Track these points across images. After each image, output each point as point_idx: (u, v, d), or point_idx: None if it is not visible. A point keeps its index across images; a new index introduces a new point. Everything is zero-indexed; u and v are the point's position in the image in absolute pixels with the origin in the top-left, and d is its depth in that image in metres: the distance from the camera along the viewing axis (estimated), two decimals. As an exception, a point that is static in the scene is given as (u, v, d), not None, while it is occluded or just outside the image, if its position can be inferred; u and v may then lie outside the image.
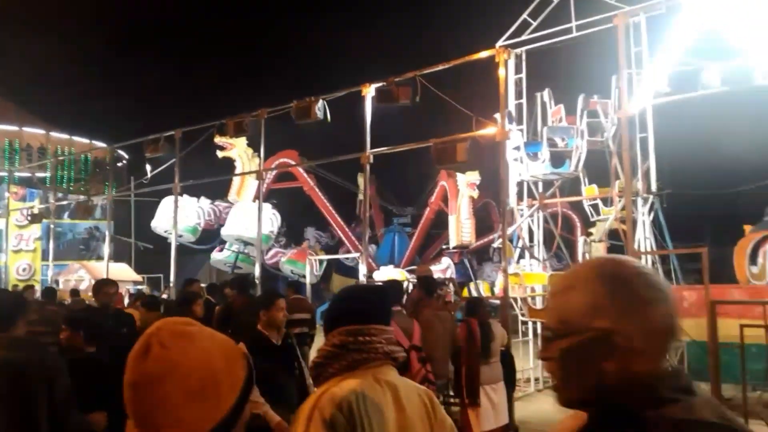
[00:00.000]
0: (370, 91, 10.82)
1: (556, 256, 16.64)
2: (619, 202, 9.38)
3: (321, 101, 11.25)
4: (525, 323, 10.79)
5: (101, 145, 25.22)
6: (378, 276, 16.13)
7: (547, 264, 11.81)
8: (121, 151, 23.96)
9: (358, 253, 16.21)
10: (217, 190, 19.94)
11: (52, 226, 18.99)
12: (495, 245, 12.95)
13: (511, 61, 10.38)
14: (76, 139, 27.31)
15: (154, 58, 39.62)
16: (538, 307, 10.29)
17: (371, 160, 11.01)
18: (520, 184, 10.98)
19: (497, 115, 9.80)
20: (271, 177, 19.68)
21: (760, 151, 17.40)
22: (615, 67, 7.46)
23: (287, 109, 11.60)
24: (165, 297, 14.35)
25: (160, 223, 19.30)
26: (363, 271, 11.24)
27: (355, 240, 20.80)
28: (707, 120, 16.74)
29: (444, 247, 21.69)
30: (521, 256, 11.22)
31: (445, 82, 10.56)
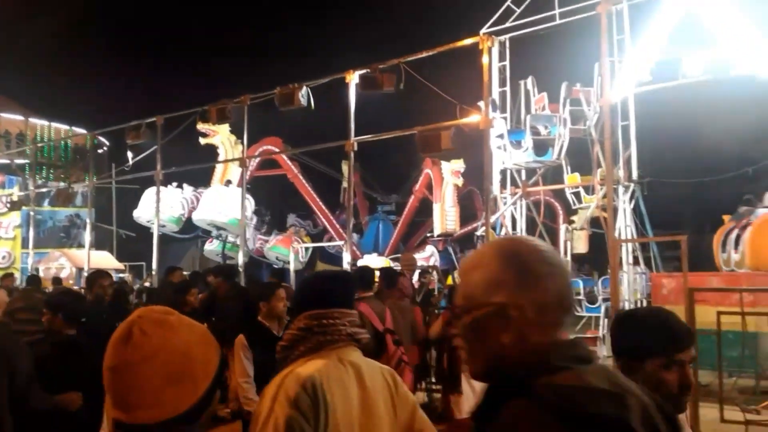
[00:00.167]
0: (354, 78, 10.77)
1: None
2: (601, 190, 9.46)
3: (305, 88, 11.18)
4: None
5: (81, 131, 24.85)
6: (362, 263, 16.13)
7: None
8: (101, 138, 23.60)
9: (342, 241, 16.21)
10: (200, 177, 19.76)
11: (32, 214, 18.76)
12: (478, 233, 13.01)
13: (495, 49, 10.37)
14: (55, 125, 26.84)
15: (135, 42, 39.02)
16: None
17: (355, 148, 10.99)
18: (503, 172, 11.02)
19: (481, 103, 9.81)
20: (254, 164, 19.54)
21: (739, 140, 17.65)
22: (597, 55, 7.49)
23: (270, 95, 11.52)
24: (147, 285, 14.26)
25: (143, 213, 19.10)
26: (347, 258, 11.25)
27: (339, 228, 20.78)
28: (688, 109, 16.88)
29: (428, 234, 21.72)
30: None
31: (429, 70, 10.55)
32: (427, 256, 20.03)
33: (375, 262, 17.77)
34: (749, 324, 6.05)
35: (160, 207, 17.28)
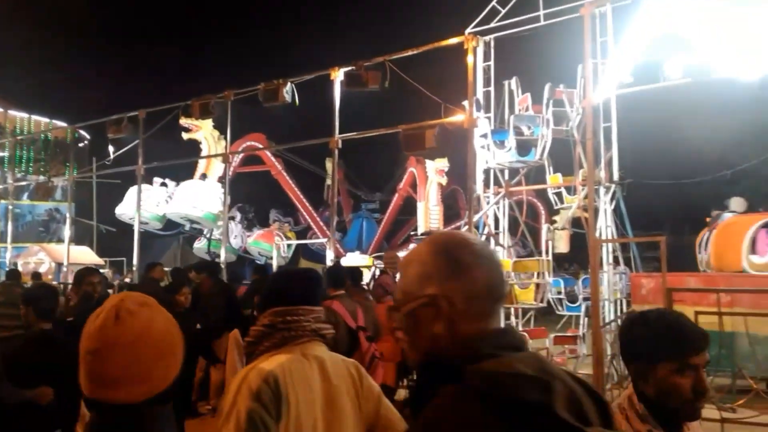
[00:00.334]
0: (338, 75, 10.76)
1: (522, 244, 16.89)
2: (582, 190, 9.55)
3: (289, 84, 11.14)
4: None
5: (62, 124, 24.46)
6: (345, 261, 16.12)
7: (512, 251, 11.97)
8: (82, 131, 23.28)
9: (325, 239, 16.17)
10: (183, 173, 19.59)
11: (10, 208, 18.49)
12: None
13: (479, 49, 10.40)
14: (35, 117, 26.44)
15: (117, 34, 38.57)
16: (503, 293, 10.43)
17: (340, 145, 10.98)
18: (486, 172, 11.06)
19: (465, 103, 9.85)
20: (237, 160, 19.43)
21: (718, 143, 17.92)
22: (581, 57, 7.55)
23: (254, 91, 11.46)
24: (128, 281, 14.13)
25: (127, 210, 18.88)
26: (330, 256, 11.24)
27: (322, 225, 20.74)
28: (668, 112, 17.12)
29: (412, 233, 21.76)
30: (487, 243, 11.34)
31: (414, 68, 10.56)
32: (411, 254, 20.07)
33: (358, 260, 17.77)
34: (726, 324, 6.15)
35: (144, 204, 17.18)
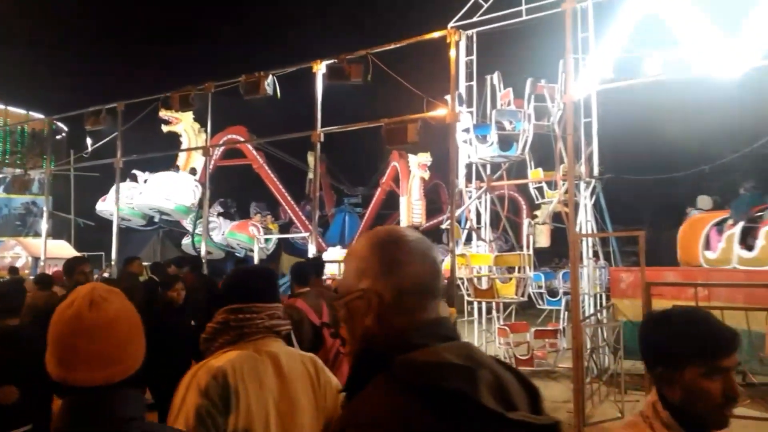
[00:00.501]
0: (321, 68, 10.69)
1: (504, 238, 16.98)
2: (563, 185, 9.60)
3: (270, 77, 11.05)
4: (470, 303, 10.99)
5: (38, 116, 24.05)
6: (327, 256, 16.10)
7: (494, 245, 12.03)
8: (60, 123, 22.93)
9: (307, 233, 16.11)
10: (162, 166, 19.38)
11: (-15, 201, 18.14)
12: (444, 226, 13.11)
13: (462, 43, 10.41)
14: (11, 109, 25.97)
15: (96, 24, 37.96)
16: (484, 287, 10.49)
17: (322, 139, 10.92)
18: (468, 166, 11.09)
19: (448, 97, 9.85)
20: (218, 153, 19.26)
21: (697, 139, 18.15)
22: (562, 52, 7.57)
23: (235, 83, 11.34)
24: (106, 276, 13.95)
25: (108, 207, 18.65)
26: (312, 250, 11.19)
27: (304, 219, 20.65)
28: (648, 108, 17.27)
29: (394, 227, 21.78)
30: (469, 238, 11.38)
31: (397, 62, 10.53)
32: (393, 248, 20.07)
33: (340, 254, 17.74)
34: (703, 317, 6.22)
35: (128, 201, 17.01)
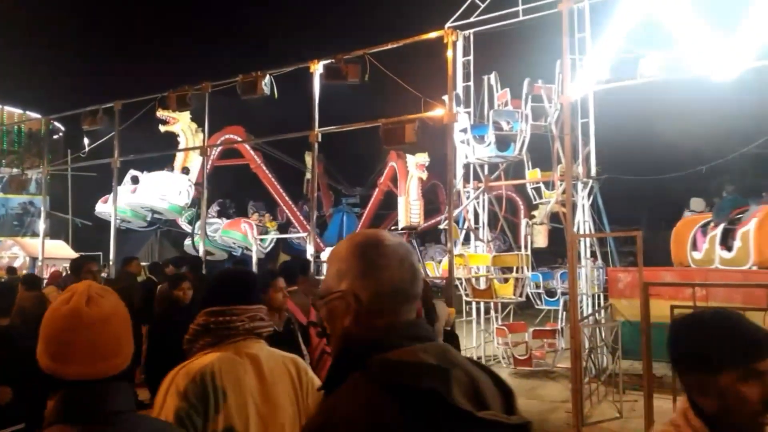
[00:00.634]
0: (318, 68, 10.68)
1: (502, 238, 16.99)
2: (560, 185, 9.61)
3: (268, 76, 11.04)
4: (469, 303, 10.99)
5: (35, 115, 23.99)
6: (324, 256, 16.07)
7: (492, 245, 12.03)
8: (57, 123, 22.88)
9: (305, 233, 16.10)
10: (160, 165, 19.35)
11: (-18, 201, 18.08)
12: (442, 227, 13.11)
13: (459, 43, 10.40)
14: (8, 108, 25.90)
15: (93, 24, 37.89)
16: (482, 287, 10.50)
17: (319, 139, 10.91)
18: (466, 167, 11.09)
19: (445, 97, 9.85)
20: (216, 153, 19.23)
21: (694, 139, 18.17)
22: (559, 53, 7.58)
23: (233, 83, 11.34)
24: (104, 276, 13.92)
25: (109, 208, 18.64)
26: (310, 251, 11.18)
27: (302, 219, 20.63)
28: (645, 108, 17.29)
29: (392, 227, 21.76)
30: (467, 238, 11.38)
31: (394, 62, 10.53)
32: (391, 248, 20.04)
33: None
34: (700, 318, 6.22)
35: (128, 202, 16.94)
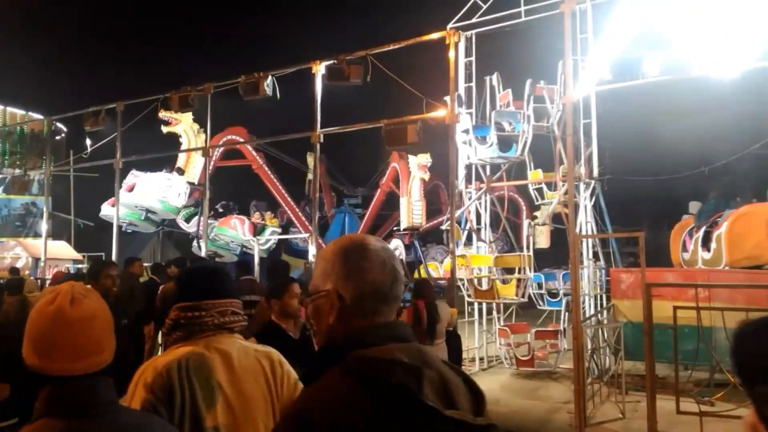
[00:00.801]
0: (320, 69, 10.68)
1: (504, 239, 16.97)
2: (563, 186, 9.60)
3: (270, 77, 11.05)
4: (471, 304, 10.99)
5: (38, 116, 24.03)
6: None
7: (494, 246, 12.03)
8: (59, 124, 22.92)
9: (307, 234, 16.10)
10: (162, 166, 19.37)
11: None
12: (444, 227, 13.11)
13: (461, 44, 10.40)
14: (10, 109, 25.93)
15: (95, 25, 37.96)
16: (484, 288, 10.49)
17: (321, 140, 10.92)
18: (468, 167, 11.08)
19: (447, 98, 9.85)
20: (218, 154, 19.25)
21: (696, 140, 18.16)
22: (561, 53, 7.57)
23: (235, 84, 11.35)
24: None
25: (113, 211, 18.66)
26: (312, 251, 11.18)
27: (304, 220, 20.64)
28: (647, 109, 17.29)
29: (395, 228, 21.75)
30: (469, 239, 11.38)
31: (396, 63, 10.53)
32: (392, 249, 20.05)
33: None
34: (704, 318, 6.22)
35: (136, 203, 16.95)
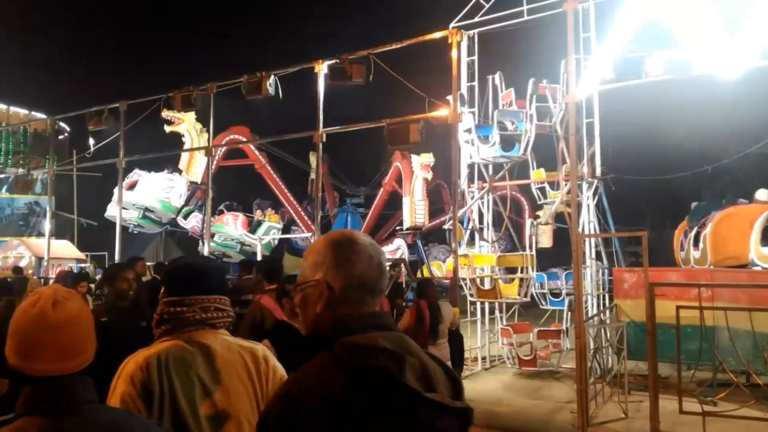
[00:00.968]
0: (322, 68, 10.69)
1: (508, 238, 16.94)
2: (565, 185, 9.59)
3: (272, 77, 11.06)
4: (473, 303, 10.98)
5: (41, 116, 24.09)
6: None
7: (496, 246, 12.01)
8: (62, 123, 22.95)
9: (309, 233, 16.13)
10: (165, 165, 19.40)
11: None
12: (446, 227, 13.11)
13: (463, 43, 10.39)
14: (14, 109, 25.99)
15: (98, 24, 38.02)
16: (486, 287, 10.48)
17: (324, 139, 10.92)
18: (471, 167, 11.07)
19: (450, 97, 9.85)
20: (221, 153, 19.27)
21: (699, 139, 18.13)
22: (564, 52, 7.56)
23: (237, 83, 11.36)
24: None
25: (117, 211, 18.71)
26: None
27: (307, 219, 20.65)
28: (650, 108, 17.25)
29: (397, 227, 21.75)
30: (472, 238, 11.37)
31: (399, 62, 10.53)
32: (394, 249, 20.06)
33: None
34: (707, 318, 6.21)
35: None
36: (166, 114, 17.00)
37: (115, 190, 18.18)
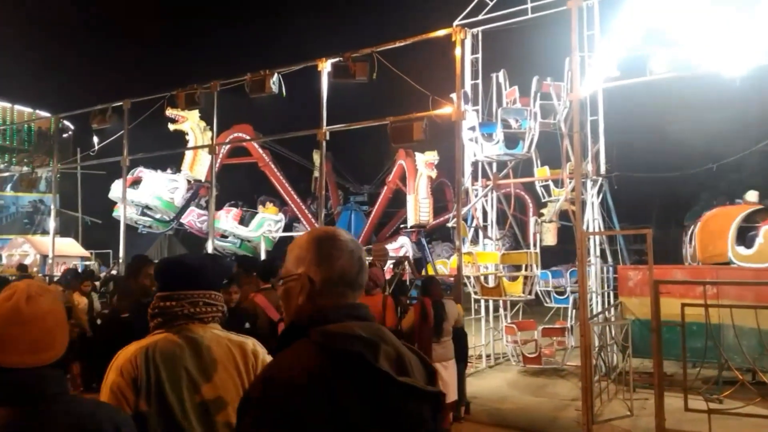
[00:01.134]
0: (326, 66, 10.69)
1: (512, 236, 16.93)
2: (570, 183, 9.57)
3: (276, 75, 11.07)
4: (478, 301, 10.98)
5: (45, 114, 24.15)
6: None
7: (500, 243, 12.00)
8: (66, 121, 23.01)
9: (313, 231, 16.02)
10: (168, 164, 19.43)
11: (-7, 199, 18.22)
12: (450, 225, 13.10)
13: (467, 41, 10.38)
14: (18, 107, 26.07)
15: (102, 23, 38.06)
16: (491, 285, 10.48)
17: (327, 137, 10.92)
18: (474, 165, 11.06)
19: (453, 95, 9.84)
20: (224, 152, 19.28)
21: (704, 136, 18.07)
22: (568, 50, 7.54)
23: (241, 82, 11.37)
24: (114, 273, 13.99)
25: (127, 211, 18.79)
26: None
27: (311, 217, 20.66)
28: (655, 106, 17.21)
29: (401, 225, 21.74)
30: (476, 236, 11.36)
31: (402, 60, 10.52)
32: (398, 247, 20.06)
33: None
34: (712, 316, 6.21)
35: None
36: (169, 112, 17.00)
37: (113, 186, 18.30)
